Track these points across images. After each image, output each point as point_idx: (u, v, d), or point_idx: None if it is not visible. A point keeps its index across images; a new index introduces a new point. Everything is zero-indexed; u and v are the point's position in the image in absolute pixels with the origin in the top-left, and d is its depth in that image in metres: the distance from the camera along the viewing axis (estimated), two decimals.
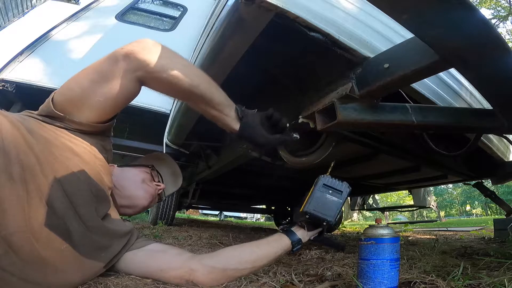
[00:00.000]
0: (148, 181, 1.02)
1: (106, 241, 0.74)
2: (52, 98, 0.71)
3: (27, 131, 0.65)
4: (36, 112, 0.73)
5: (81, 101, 0.69)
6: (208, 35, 0.94)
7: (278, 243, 0.83)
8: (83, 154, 0.71)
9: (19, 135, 0.63)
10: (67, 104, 0.70)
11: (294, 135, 0.86)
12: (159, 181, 1.07)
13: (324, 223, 0.83)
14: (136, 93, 0.73)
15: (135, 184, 0.97)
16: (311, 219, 0.84)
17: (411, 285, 0.75)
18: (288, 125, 0.86)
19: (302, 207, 0.83)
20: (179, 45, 2.35)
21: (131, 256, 0.80)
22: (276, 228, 4.22)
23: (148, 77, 0.70)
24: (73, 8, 2.60)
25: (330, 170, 0.94)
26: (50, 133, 0.69)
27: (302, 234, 0.87)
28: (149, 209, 3.12)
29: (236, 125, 0.79)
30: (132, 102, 0.78)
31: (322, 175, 0.86)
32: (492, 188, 2.38)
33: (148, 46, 0.68)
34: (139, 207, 0.97)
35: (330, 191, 0.84)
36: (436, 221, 7.41)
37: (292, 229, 0.88)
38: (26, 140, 0.63)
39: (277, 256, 0.82)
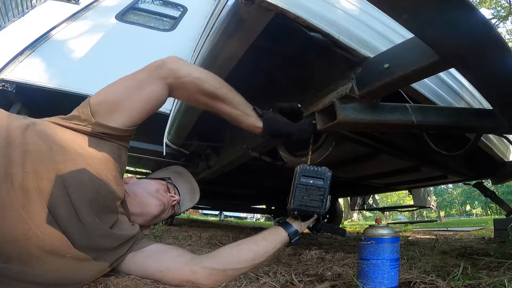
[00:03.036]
0: (163, 192, 1.02)
1: (112, 245, 0.75)
2: (89, 101, 0.75)
3: (38, 137, 0.65)
4: (66, 116, 0.75)
5: (115, 105, 0.76)
6: (208, 35, 0.94)
7: (275, 237, 0.83)
8: (94, 163, 0.72)
9: (30, 141, 0.64)
10: (101, 107, 0.75)
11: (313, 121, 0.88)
12: (175, 194, 1.08)
13: (315, 215, 0.81)
14: (164, 100, 0.81)
15: (148, 192, 0.98)
16: (300, 214, 0.82)
17: (411, 285, 0.75)
18: (303, 108, 0.90)
19: (288, 204, 0.81)
20: (179, 45, 2.36)
21: (131, 257, 0.80)
22: None
23: (176, 83, 0.79)
24: (73, 8, 2.59)
25: (309, 157, 0.91)
26: (66, 139, 0.69)
27: (298, 225, 0.86)
28: None
29: (259, 123, 0.85)
30: None
31: (299, 166, 0.82)
32: (492, 188, 2.38)
33: (175, 59, 0.80)
34: (150, 215, 0.96)
35: (311, 181, 0.80)
36: (436, 221, 7.39)
37: (287, 220, 0.87)
38: (36, 146, 0.64)
39: (275, 251, 0.82)
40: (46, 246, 0.62)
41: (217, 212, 12.58)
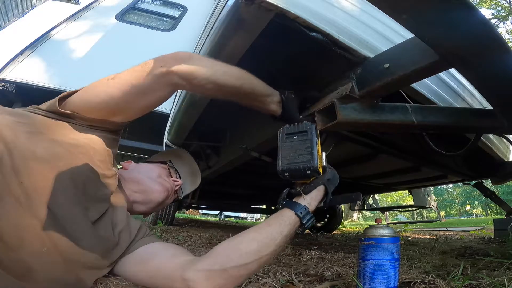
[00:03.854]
0: (165, 176, 0.96)
1: (98, 243, 0.67)
2: (61, 98, 0.70)
3: (27, 131, 0.63)
4: (43, 108, 0.70)
5: (108, 108, 0.70)
6: (208, 35, 0.94)
7: (281, 220, 0.68)
8: (76, 149, 0.67)
9: (13, 136, 0.61)
10: (90, 108, 0.69)
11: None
12: (176, 178, 1.02)
13: (308, 171, 0.69)
14: (168, 99, 0.75)
15: (150, 178, 0.92)
16: (292, 174, 0.72)
17: (411, 285, 0.75)
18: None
19: (277, 168, 0.73)
20: (179, 45, 2.36)
21: (124, 260, 0.73)
22: None
23: (191, 87, 0.73)
24: (73, 8, 2.60)
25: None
26: (54, 131, 0.67)
27: (305, 200, 0.72)
28: None
29: (278, 110, 0.84)
30: None
31: (281, 128, 0.77)
32: (492, 188, 2.38)
33: (186, 60, 0.69)
34: (154, 203, 0.90)
35: (295, 137, 0.74)
36: (436, 221, 7.40)
37: (293, 200, 0.74)
38: (13, 131, 0.61)
39: (284, 237, 0.66)
40: (19, 233, 0.57)
41: (217, 212, 12.58)
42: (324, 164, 0.75)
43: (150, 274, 0.68)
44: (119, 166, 0.98)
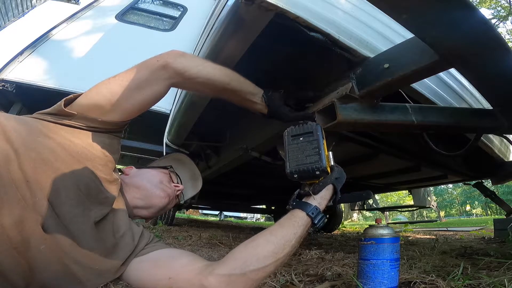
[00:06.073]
0: (166, 182, 0.99)
1: (98, 244, 0.68)
2: (68, 100, 0.72)
3: (32, 135, 0.64)
4: (46, 111, 0.73)
5: (110, 105, 0.72)
6: (208, 35, 0.94)
7: (293, 221, 0.69)
8: (77, 152, 0.69)
9: (10, 127, 0.62)
10: (93, 106, 0.72)
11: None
12: (177, 183, 1.05)
13: (317, 172, 0.69)
14: (164, 95, 0.79)
15: (152, 184, 0.94)
16: (301, 176, 0.72)
17: (411, 285, 0.76)
18: (310, 95, 0.92)
19: (286, 170, 0.73)
20: (179, 45, 2.35)
21: (135, 263, 0.72)
22: None
23: (184, 82, 0.77)
24: (73, 8, 2.60)
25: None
26: (57, 135, 0.68)
27: (316, 200, 0.73)
28: None
29: (265, 109, 0.87)
30: None
31: (286, 130, 0.77)
32: (492, 188, 2.38)
33: (177, 57, 0.75)
34: (156, 208, 0.93)
35: (301, 138, 0.74)
36: (436, 221, 7.40)
37: (302, 200, 0.74)
38: (16, 132, 0.62)
39: (298, 238, 0.68)
40: (21, 230, 0.57)
41: (217, 212, 12.59)
42: (332, 163, 0.76)
43: (169, 274, 0.67)
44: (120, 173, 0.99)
